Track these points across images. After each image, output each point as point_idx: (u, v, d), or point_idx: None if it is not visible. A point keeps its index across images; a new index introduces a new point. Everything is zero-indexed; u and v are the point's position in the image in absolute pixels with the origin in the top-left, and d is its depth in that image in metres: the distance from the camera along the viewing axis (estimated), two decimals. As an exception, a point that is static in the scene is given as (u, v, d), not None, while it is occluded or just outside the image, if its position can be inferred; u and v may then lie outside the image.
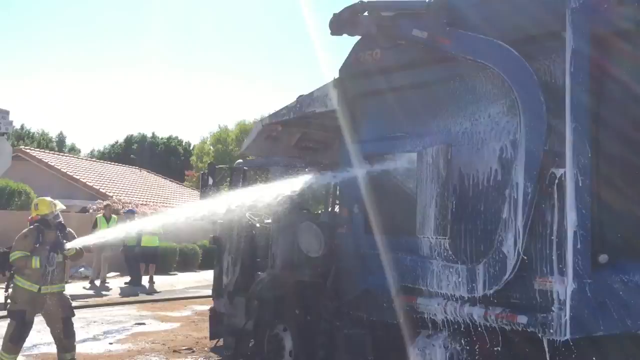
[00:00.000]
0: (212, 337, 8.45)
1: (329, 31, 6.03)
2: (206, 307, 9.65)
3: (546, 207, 4.45)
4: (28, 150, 28.49)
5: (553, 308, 4.38)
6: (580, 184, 4.19)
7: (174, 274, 19.31)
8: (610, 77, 4.28)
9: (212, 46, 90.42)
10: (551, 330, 4.32)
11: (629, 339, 4.14)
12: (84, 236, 7.37)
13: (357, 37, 6.08)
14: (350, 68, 6.19)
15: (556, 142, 4.37)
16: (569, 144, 4.21)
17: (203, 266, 20.49)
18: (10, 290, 6.82)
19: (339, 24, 5.93)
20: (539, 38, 4.60)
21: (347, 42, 6.09)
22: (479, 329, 4.89)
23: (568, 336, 4.23)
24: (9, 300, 6.80)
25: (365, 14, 5.77)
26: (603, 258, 4.15)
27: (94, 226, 15.01)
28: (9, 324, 6.73)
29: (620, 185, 4.27)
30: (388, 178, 5.87)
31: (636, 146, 4.23)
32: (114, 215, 15.84)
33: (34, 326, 6.85)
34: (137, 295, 14.52)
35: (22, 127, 53.36)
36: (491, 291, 4.71)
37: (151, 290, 15.47)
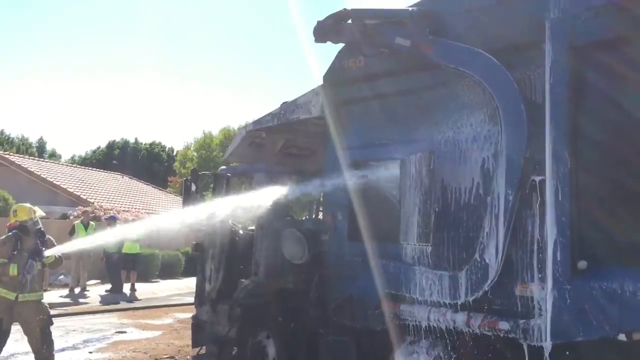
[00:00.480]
0: (194, 345, 8.39)
1: (313, 38, 6.05)
2: (188, 315, 9.58)
3: (526, 215, 4.51)
4: (7, 156, 28.10)
5: (534, 314, 4.42)
6: (560, 192, 4.24)
7: (156, 281, 19.16)
8: (589, 86, 4.34)
9: (197, 52, 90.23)
10: (532, 336, 4.36)
11: (607, 344, 4.18)
12: (63, 243, 7.28)
13: (341, 45, 6.11)
14: (334, 75, 6.22)
15: (536, 150, 4.43)
16: (549, 152, 4.26)
17: (186, 273, 20.36)
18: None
19: (323, 32, 5.95)
20: (519, 48, 4.67)
21: (332, 49, 6.12)
22: (462, 335, 4.92)
23: (549, 341, 4.27)
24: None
25: (349, 21, 5.81)
26: (582, 264, 4.20)
27: (71, 233, 14.90)
28: (-15, 333, 6.63)
29: (599, 192, 4.33)
30: (372, 185, 5.89)
31: (614, 154, 4.29)
32: (92, 222, 15.70)
33: (11, 335, 6.74)
34: (118, 303, 14.36)
35: (1, 132, 52.72)
36: (473, 298, 4.74)
37: (132, 298, 15.32)
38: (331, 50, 6.11)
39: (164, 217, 7.46)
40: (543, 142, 4.32)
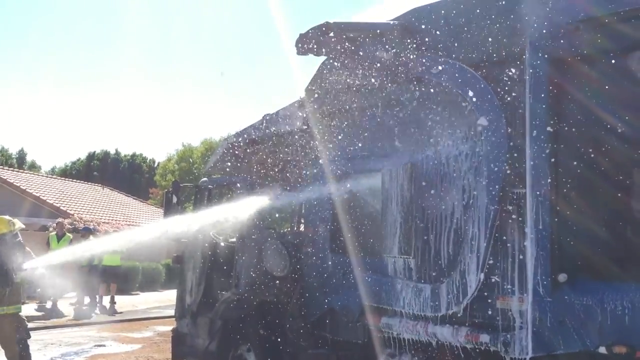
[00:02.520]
0: (174, 359, 8.27)
1: (295, 51, 6.06)
2: (169, 328, 9.47)
3: (507, 227, 4.52)
4: (-14, 167, 27.74)
5: (514, 327, 4.43)
6: (540, 204, 4.27)
7: (137, 294, 18.97)
8: (569, 99, 4.40)
9: (178, 63, 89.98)
10: (513, 349, 4.37)
11: (588, 357, 4.20)
12: (41, 255, 7.17)
13: (323, 57, 6.12)
14: (316, 88, 6.23)
15: (517, 163, 4.46)
16: (529, 165, 4.30)
17: (166, 285, 20.17)
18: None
19: (305, 44, 5.96)
20: (500, 61, 4.71)
21: (315, 61, 6.13)
22: (443, 348, 4.91)
23: (530, 355, 4.28)
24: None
25: (331, 34, 5.82)
26: (562, 277, 4.23)
27: (48, 244, 14.63)
28: (-39, 346, 6.50)
29: (579, 205, 4.36)
30: (354, 197, 5.89)
31: (595, 167, 4.34)
32: (68, 234, 15.37)
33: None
34: (91, 317, 14.09)
35: (-20, 143, 51.99)
36: (454, 310, 4.74)
37: (112, 311, 15.11)
38: (314, 62, 6.13)
39: (144, 229, 7.37)
40: (524, 154, 4.35)
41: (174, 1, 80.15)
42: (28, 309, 12.55)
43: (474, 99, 4.73)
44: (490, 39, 4.74)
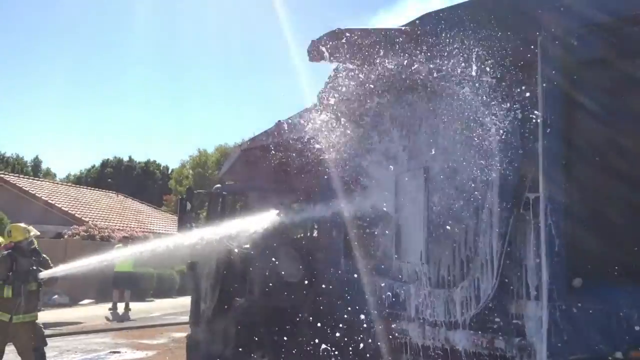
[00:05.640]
0: (189, 365, 8.32)
1: (307, 57, 6.09)
2: (183, 334, 9.52)
3: (521, 232, 4.51)
4: (2, 175, 28.05)
5: (529, 332, 4.41)
6: (554, 209, 4.25)
7: (151, 300, 19.05)
8: (581, 104, 4.38)
9: (192, 69, 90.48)
10: (528, 355, 4.35)
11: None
12: (57, 262, 7.24)
13: (336, 64, 6.15)
14: (329, 93, 6.25)
15: (530, 167, 4.45)
16: (542, 170, 4.28)
17: (180, 292, 20.25)
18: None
19: (317, 51, 5.99)
20: (512, 66, 4.71)
21: (326, 68, 6.17)
22: (457, 353, 4.90)
23: (545, 360, 4.25)
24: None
25: (343, 41, 5.85)
26: (577, 282, 4.20)
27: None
28: (-22, 354, 6.57)
29: (594, 209, 4.34)
30: (367, 203, 5.90)
31: (609, 171, 4.32)
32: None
33: (4, 356, 6.68)
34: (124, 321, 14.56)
35: (-5, 151, 52.58)
36: (469, 316, 4.73)
37: (124, 317, 15.20)
38: (325, 69, 6.16)
39: (165, 241, 7.43)
40: (537, 158, 4.34)
41: (187, 9, 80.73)
42: (46, 316, 12.63)
43: (486, 104, 4.73)
44: (501, 44, 4.74)
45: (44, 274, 6.76)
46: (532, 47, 4.42)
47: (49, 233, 21.35)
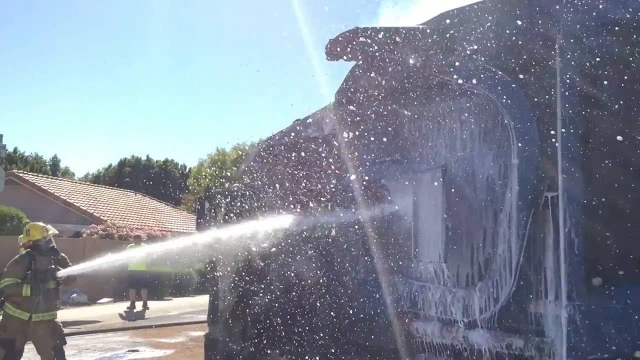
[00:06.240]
0: (207, 364, 8.36)
1: (325, 57, 6.09)
2: (201, 333, 9.58)
3: (540, 231, 4.47)
4: (21, 174, 28.42)
5: (549, 332, 4.37)
6: (573, 207, 4.22)
7: (169, 299, 19.19)
8: (600, 101, 4.34)
9: (209, 68, 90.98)
10: (547, 355, 4.31)
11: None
12: (75, 261, 7.31)
13: (354, 62, 6.15)
14: (346, 92, 6.26)
15: (549, 166, 4.41)
16: (560, 168, 4.25)
17: (198, 291, 20.37)
18: (0, 317, 6.75)
19: (335, 50, 5.99)
20: (530, 64, 4.67)
21: (344, 67, 6.17)
22: (476, 353, 4.87)
23: (564, 360, 4.22)
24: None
25: (361, 39, 5.84)
26: (597, 281, 4.17)
27: None
28: (-3, 353, 6.65)
29: (613, 207, 4.30)
30: (385, 202, 5.89)
31: (628, 168, 4.28)
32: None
33: (24, 354, 6.76)
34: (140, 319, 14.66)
35: (15, 150, 53.31)
36: (487, 315, 4.70)
37: (139, 316, 15.31)
38: (342, 68, 6.16)
39: (184, 240, 7.48)
40: (555, 157, 4.31)
41: (205, 8, 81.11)
42: (65, 314, 12.78)
43: (504, 102, 4.70)
44: (520, 42, 4.70)
45: (62, 272, 6.84)
46: (551, 44, 4.38)
47: (68, 232, 21.59)
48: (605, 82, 4.29)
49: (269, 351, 7.06)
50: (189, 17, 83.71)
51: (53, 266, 6.80)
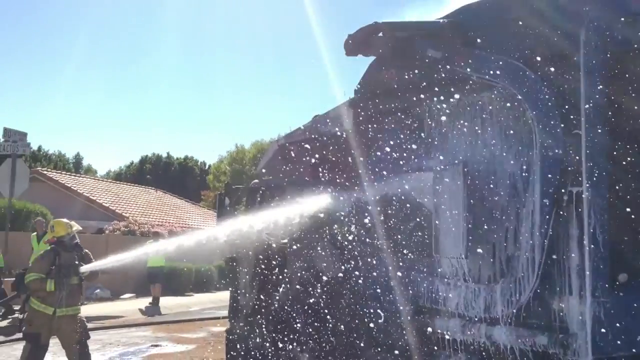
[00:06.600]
0: (228, 359, 8.41)
1: (344, 52, 6.06)
2: (222, 329, 9.64)
3: (564, 226, 4.41)
4: (45, 172, 28.83)
5: (573, 329, 4.32)
6: (598, 202, 4.15)
7: (190, 295, 19.34)
8: (625, 94, 4.26)
9: (228, 66, 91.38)
10: (572, 351, 4.26)
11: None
12: (97, 257, 7.39)
13: (372, 58, 6.12)
14: (365, 88, 6.22)
15: (573, 160, 4.35)
16: (586, 162, 4.18)
17: (219, 287, 20.52)
18: (25, 312, 6.87)
19: (354, 45, 5.96)
20: (554, 58, 4.60)
21: (363, 62, 6.14)
22: (498, 350, 4.83)
23: (590, 357, 4.16)
24: (24, 323, 6.84)
25: (380, 34, 5.81)
26: (622, 277, 4.10)
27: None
28: (24, 347, 6.76)
29: (639, 202, 4.22)
30: (403, 197, 5.86)
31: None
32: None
33: (49, 348, 6.87)
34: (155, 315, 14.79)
35: (39, 148, 54.03)
36: (510, 311, 4.65)
37: (155, 311, 15.46)
38: (362, 63, 6.13)
39: (202, 233, 7.51)
40: (580, 151, 4.24)
41: (224, 5, 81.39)
42: (89, 310, 12.93)
43: (527, 96, 4.64)
44: (543, 35, 4.64)
45: (85, 268, 6.92)
46: (575, 37, 4.31)
47: (91, 228, 21.86)
48: (632, 74, 4.21)
49: (289, 347, 7.07)
50: (212, 15, 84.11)
51: (77, 262, 6.88)
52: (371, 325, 6.06)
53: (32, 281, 6.64)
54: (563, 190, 4.39)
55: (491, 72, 4.89)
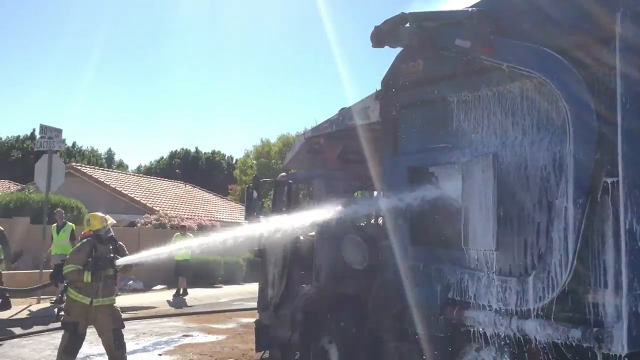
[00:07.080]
0: (258, 349, 8.50)
1: (371, 43, 6.02)
2: (251, 320, 9.73)
3: (599, 218, 4.32)
4: (79, 167, 29.40)
5: (608, 322, 4.23)
6: (634, 193, 4.05)
7: (219, 287, 19.55)
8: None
9: (255, 61, 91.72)
10: (607, 345, 4.17)
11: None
12: (129, 249, 7.51)
13: (399, 49, 6.06)
14: (392, 80, 6.17)
15: (607, 150, 4.24)
16: (621, 152, 4.08)
17: (247, 279, 20.71)
18: (64, 302, 7.05)
19: (381, 36, 5.92)
20: (588, 46, 4.49)
21: (389, 54, 6.09)
22: (530, 343, 4.76)
23: (625, 351, 4.08)
24: (62, 312, 7.03)
25: (407, 25, 5.75)
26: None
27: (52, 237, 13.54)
28: (62, 336, 6.93)
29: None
30: (434, 189, 5.81)
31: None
32: (69, 223, 13.77)
33: (86, 337, 7.03)
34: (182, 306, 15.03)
35: (73, 145, 55.05)
36: (542, 304, 4.58)
37: (182, 303, 15.69)
38: (389, 54, 6.08)
39: (235, 230, 7.58)
40: (614, 141, 4.14)
41: (254, 2, 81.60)
42: (123, 300, 13.18)
43: (560, 85, 4.54)
44: (576, 23, 4.53)
45: (120, 261, 7.04)
46: (610, 23, 4.20)
47: (123, 222, 22.22)
48: None
49: (318, 337, 7.10)
50: (240, 11, 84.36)
51: (112, 255, 7.01)
52: (399, 316, 6.03)
53: (70, 272, 6.80)
54: (598, 181, 4.29)
55: (522, 61, 4.80)
